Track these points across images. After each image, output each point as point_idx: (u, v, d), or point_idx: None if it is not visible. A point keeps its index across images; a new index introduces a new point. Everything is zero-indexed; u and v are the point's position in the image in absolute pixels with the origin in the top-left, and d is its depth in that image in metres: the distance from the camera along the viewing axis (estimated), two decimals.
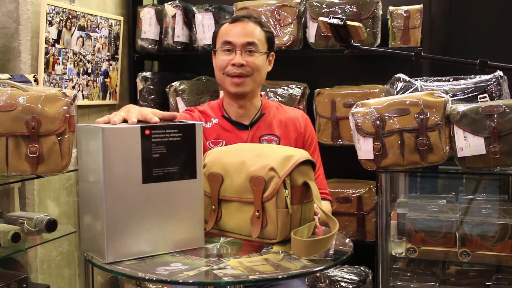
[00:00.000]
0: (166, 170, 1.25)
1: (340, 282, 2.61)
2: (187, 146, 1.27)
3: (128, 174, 1.22)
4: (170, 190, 1.26)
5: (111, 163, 1.20)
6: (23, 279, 2.07)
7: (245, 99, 1.87)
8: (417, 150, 1.85)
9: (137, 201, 1.23)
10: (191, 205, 1.29)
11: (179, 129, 1.26)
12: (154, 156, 1.23)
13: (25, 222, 1.89)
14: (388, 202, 2.02)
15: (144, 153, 1.22)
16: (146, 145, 1.23)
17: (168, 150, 1.25)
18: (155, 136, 1.24)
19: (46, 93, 1.72)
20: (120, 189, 1.21)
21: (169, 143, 1.25)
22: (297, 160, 1.34)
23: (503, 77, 2.05)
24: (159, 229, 1.26)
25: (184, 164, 1.27)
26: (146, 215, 1.24)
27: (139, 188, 1.23)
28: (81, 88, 2.72)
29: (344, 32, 1.63)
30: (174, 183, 1.26)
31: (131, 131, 1.22)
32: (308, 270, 1.20)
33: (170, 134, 1.25)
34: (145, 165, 1.23)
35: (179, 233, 1.28)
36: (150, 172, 1.23)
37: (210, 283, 1.16)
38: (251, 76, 1.83)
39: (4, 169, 1.68)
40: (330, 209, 1.90)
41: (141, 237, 1.24)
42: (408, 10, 2.63)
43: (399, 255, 2.21)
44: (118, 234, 1.22)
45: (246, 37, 1.83)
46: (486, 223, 2.15)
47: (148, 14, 2.99)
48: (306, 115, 1.98)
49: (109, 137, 1.20)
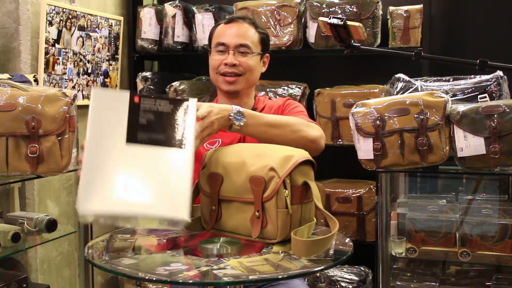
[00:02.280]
0: (152, 136, 1.28)
1: (340, 282, 2.61)
2: (178, 118, 1.30)
3: (113, 133, 1.27)
4: (154, 155, 1.27)
5: (97, 120, 1.26)
6: (23, 279, 2.07)
7: (238, 98, 1.89)
8: (417, 150, 1.85)
9: (118, 159, 1.25)
10: (176, 174, 1.26)
11: (169, 100, 1.31)
12: (140, 122, 1.28)
13: (25, 222, 1.90)
14: (388, 202, 2.02)
15: (131, 117, 1.28)
16: (134, 110, 1.28)
17: (156, 118, 1.29)
18: (144, 104, 1.29)
19: (46, 93, 1.72)
20: (103, 146, 1.25)
21: (158, 113, 1.29)
22: (297, 160, 1.34)
23: (503, 77, 2.05)
24: (138, 191, 1.24)
25: (172, 133, 1.29)
26: (127, 175, 1.24)
27: (122, 148, 1.26)
28: (81, 88, 2.72)
29: (344, 32, 1.63)
30: (160, 149, 1.27)
31: (120, 95, 1.29)
32: (308, 270, 1.20)
33: (160, 105, 1.30)
34: (130, 127, 1.27)
35: (159, 199, 1.24)
36: (135, 134, 1.27)
37: (210, 283, 1.16)
38: (243, 75, 1.85)
39: (4, 169, 1.68)
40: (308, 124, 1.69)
41: (119, 195, 1.23)
42: (408, 10, 2.63)
43: (399, 255, 2.21)
44: (95, 188, 1.22)
45: (239, 38, 1.84)
46: (486, 223, 2.15)
47: (148, 14, 2.99)
48: (288, 98, 1.97)
49: (99, 98, 1.29)
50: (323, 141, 1.67)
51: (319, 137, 1.65)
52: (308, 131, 1.62)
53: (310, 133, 1.63)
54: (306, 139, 1.58)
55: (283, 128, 1.58)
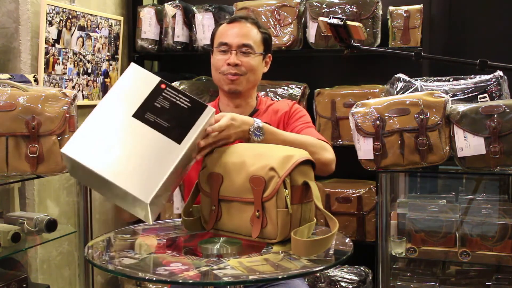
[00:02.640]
0: (157, 120, 1.33)
1: (340, 282, 2.61)
2: (189, 116, 1.36)
3: (126, 104, 1.35)
4: (150, 137, 1.32)
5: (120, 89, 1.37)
6: (23, 279, 2.07)
7: (240, 98, 1.88)
8: (417, 150, 1.85)
9: (118, 126, 1.32)
10: (160, 162, 1.30)
11: (190, 100, 1.38)
12: (155, 105, 1.35)
13: (25, 222, 1.89)
14: (388, 202, 2.02)
15: (149, 98, 1.35)
16: (155, 94, 1.36)
17: (170, 108, 1.35)
18: (167, 92, 1.37)
19: (46, 93, 1.72)
20: (112, 110, 1.34)
21: (175, 104, 1.36)
22: (297, 160, 1.34)
23: (503, 77, 2.05)
24: (120, 159, 1.29)
25: (176, 126, 1.34)
26: (118, 142, 1.30)
27: (127, 119, 1.33)
28: (81, 88, 2.72)
29: (344, 32, 1.63)
30: (158, 134, 1.32)
31: (151, 77, 1.39)
32: (308, 270, 1.20)
33: (181, 99, 1.37)
34: (144, 106, 1.35)
35: (133, 174, 1.28)
36: (144, 113, 1.34)
37: (210, 283, 1.16)
38: (245, 75, 1.85)
39: (4, 169, 1.68)
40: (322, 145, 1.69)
41: (101, 154, 1.28)
42: (408, 10, 2.63)
43: (399, 255, 2.21)
44: (87, 136, 1.30)
45: (242, 38, 1.84)
46: (486, 223, 2.15)
47: (148, 14, 2.99)
48: (294, 102, 1.98)
49: (133, 72, 1.40)
50: (334, 165, 1.71)
51: (332, 160, 1.69)
52: (323, 155, 1.65)
53: (324, 156, 1.66)
54: (320, 162, 1.59)
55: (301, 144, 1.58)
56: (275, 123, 1.84)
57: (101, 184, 1.32)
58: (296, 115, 1.88)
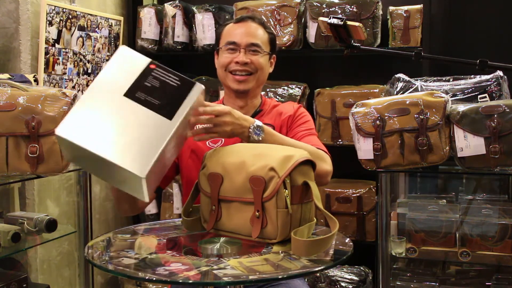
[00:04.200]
0: (148, 98, 1.36)
1: (340, 282, 2.61)
2: (178, 93, 1.38)
3: (117, 84, 1.37)
4: (142, 115, 1.34)
5: (111, 70, 1.39)
6: (23, 279, 2.07)
7: (246, 98, 1.88)
8: (417, 150, 1.85)
9: (111, 106, 1.34)
10: (152, 138, 1.32)
11: (179, 78, 1.40)
12: (145, 84, 1.38)
13: (25, 222, 1.89)
14: (388, 202, 2.02)
15: (140, 78, 1.38)
16: (145, 74, 1.39)
17: (160, 86, 1.38)
18: (156, 72, 1.40)
19: (46, 93, 1.72)
20: (103, 91, 1.36)
21: (164, 82, 1.39)
22: (297, 160, 1.34)
23: (503, 77, 2.05)
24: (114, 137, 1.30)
25: (167, 103, 1.36)
26: (112, 121, 1.32)
27: (119, 99, 1.35)
28: (81, 88, 2.72)
29: (344, 32, 1.63)
30: (149, 112, 1.34)
31: (141, 59, 1.42)
32: (308, 270, 1.20)
33: (170, 77, 1.40)
34: (134, 85, 1.37)
35: (126, 151, 1.29)
36: (135, 92, 1.36)
37: (210, 283, 1.16)
38: (254, 74, 1.84)
39: (4, 169, 1.68)
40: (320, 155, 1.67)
41: (95, 133, 1.30)
42: (408, 10, 2.63)
43: (399, 255, 2.21)
44: (80, 118, 1.31)
45: (250, 37, 1.84)
46: (486, 223, 2.15)
47: (148, 14, 2.99)
48: (300, 105, 1.97)
49: (123, 53, 1.43)
50: (330, 177, 1.68)
51: (328, 172, 1.66)
52: (320, 166, 1.59)
53: (322, 167, 1.61)
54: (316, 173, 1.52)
55: None
56: (278, 125, 1.84)
57: (97, 165, 1.35)
58: (300, 119, 1.87)
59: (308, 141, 1.74)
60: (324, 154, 1.70)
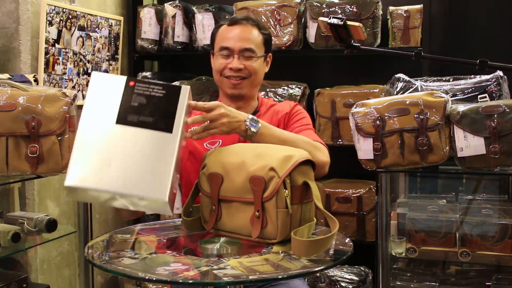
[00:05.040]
0: (141, 118, 1.33)
1: (340, 282, 2.61)
2: (168, 102, 1.35)
3: (104, 113, 1.33)
4: (141, 136, 1.31)
5: (93, 101, 1.35)
6: (23, 279, 2.07)
7: (242, 100, 1.88)
8: (417, 150, 1.85)
9: (107, 138, 1.31)
10: (160, 157, 1.30)
11: (163, 87, 1.36)
12: (132, 104, 1.34)
13: (25, 222, 1.89)
14: (388, 202, 2.02)
15: (124, 99, 1.34)
16: (127, 93, 1.35)
17: (147, 102, 1.34)
18: (138, 88, 1.35)
19: (46, 93, 1.72)
20: (94, 125, 1.32)
21: (150, 96, 1.35)
22: (297, 160, 1.34)
23: (503, 77, 2.05)
24: (122, 170, 1.28)
25: (161, 117, 1.33)
26: (114, 154, 1.29)
27: (111, 128, 1.32)
28: (81, 88, 2.72)
29: (344, 32, 1.63)
30: (147, 131, 1.32)
31: (117, 79, 1.36)
32: (308, 270, 1.20)
33: (154, 89, 1.35)
34: (122, 109, 1.33)
35: (141, 179, 1.28)
36: (125, 116, 1.33)
37: (210, 283, 1.16)
38: (249, 79, 1.85)
39: (4, 169, 1.68)
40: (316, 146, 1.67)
41: (103, 172, 1.28)
42: (408, 10, 2.63)
43: (399, 255, 2.21)
44: (83, 163, 1.28)
45: (244, 42, 1.83)
46: (486, 223, 2.15)
47: (148, 14, 2.99)
48: (296, 103, 1.97)
49: (97, 80, 1.37)
50: (327, 168, 1.67)
51: (325, 163, 1.65)
52: (317, 156, 1.59)
53: (319, 158, 1.61)
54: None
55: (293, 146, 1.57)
56: (275, 124, 1.84)
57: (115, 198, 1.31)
58: (296, 116, 1.87)
59: (304, 135, 1.74)
60: (321, 145, 1.69)
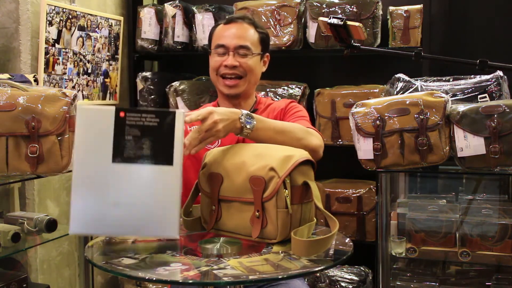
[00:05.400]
0: (138, 153, 1.25)
1: (340, 282, 2.61)
2: (165, 132, 1.26)
3: (99, 151, 1.24)
4: (141, 173, 1.25)
5: (83, 140, 1.25)
6: (23, 279, 2.07)
7: (239, 99, 1.89)
8: (417, 150, 1.85)
9: (106, 179, 1.24)
10: (164, 192, 1.25)
11: (156, 114, 1.26)
12: (126, 138, 1.24)
13: (25, 222, 1.89)
14: (388, 202, 2.02)
15: (116, 133, 1.24)
16: (120, 126, 1.24)
17: (142, 133, 1.25)
18: (130, 119, 1.25)
19: (46, 93, 1.72)
20: (90, 165, 1.24)
21: (144, 127, 1.25)
22: (297, 160, 1.34)
23: (503, 77, 2.05)
24: (127, 211, 1.24)
25: (159, 149, 1.25)
26: (115, 195, 1.24)
27: (109, 167, 1.24)
28: (81, 88, 2.72)
29: (344, 32, 1.63)
30: (147, 167, 1.25)
31: (105, 112, 1.25)
32: (308, 270, 1.20)
33: (146, 119, 1.25)
34: (116, 145, 1.24)
35: (148, 219, 1.25)
36: (121, 152, 1.24)
37: (210, 283, 1.16)
38: (244, 78, 1.85)
39: (4, 169, 1.68)
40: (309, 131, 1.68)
41: (107, 216, 1.24)
42: (408, 10, 2.63)
43: (399, 255, 2.21)
44: (84, 209, 1.23)
45: (239, 39, 1.84)
46: (486, 223, 2.15)
47: (148, 14, 2.99)
48: (293, 100, 1.96)
49: (84, 116, 1.26)
50: (322, 150, 1.67)
51: (319, 146, 1.65)
52: (309, 140, 1.61)
53: (312, 141, 1.62)
54: (308, 148, 1.54)
55: (288, 135, 1.57)
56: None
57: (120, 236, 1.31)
58: (291, 110, 1.87)
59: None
60: (313, 130, 1.69)
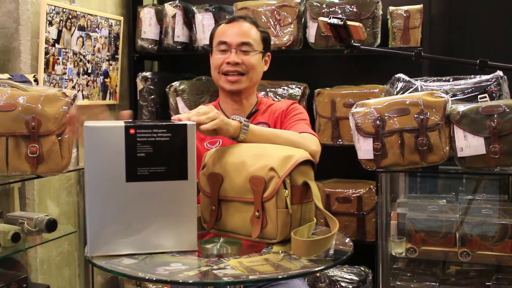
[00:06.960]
0: (152, 170, 1.23)
1: (340, 282, 2.61)
2: (177, 146, 1.24)
3: (111, 171, 1.22)
4: (157, 190, 1.23)
5: (94, 160, 1.21)
6: (23, 279, 2.07)
7: (240, 98, 1.89)
8: (417, 150, 1.85)
9: (121, 199, 1.23)
10: (181, 207, 1.25)
11: (167, 129, 1.23)
12: (139, 155, 1.22)
13: (25, 222, 1.90)
14: (388, 202, 2.02)
15: (128, 151, 1.21)
16: (131, 144, 1.21)
17: (154, 149, 1.22)
18: (141, 135, 1.22)
19: (46, 93, 1.72)
20: (103, 186, 1.22)
21: (156, 142, 1.23)
22: (297, 160, 1.34)
23: (503, 77, 2.05)
24: (145, 229, 1.24)
25: (173, 164, 1.24)
26: (132, 214, 1.23)
27: (123, 187, 1.22)
28: (81, 88, 2.72)
29: (344, 32, 1.63)
30: (162, 183, 1.23)
31: (115, 130, 1.22)
32: (308, 270, 1.20)
33: (158, 134, 1.23)
34: (129, 163, 1.21)
35: (167, 235, 1.25)
36: (135, 170, 1.22)
37: (210, 283, 1.16)
38: (246, 75, 1.85)
39: (4, 169, 1.68)
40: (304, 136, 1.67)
41: (125, 235, 1.23)
42: (408, 10, 2.63)
43: (399, 255, 2.21)
44: (101, 230, 1.22)
45: (241, 37, 1.84)
46: (486, 223, 2.15)
47: (148, 14, 2.99)
48: (294, 101, 1.96)
49: (93, 135, 1.21)
50: (318, 155, 1.66)
51: (316, 152, 1.64)
52: (307, 145, 1.59)
53: (309, 147, 1.60)
54: None
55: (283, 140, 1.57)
56: (272, 123, 1.84)
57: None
58: (292, 113, 1.87)
59: (298, 128, 1.73)
60: (310, 135, 1.68)
